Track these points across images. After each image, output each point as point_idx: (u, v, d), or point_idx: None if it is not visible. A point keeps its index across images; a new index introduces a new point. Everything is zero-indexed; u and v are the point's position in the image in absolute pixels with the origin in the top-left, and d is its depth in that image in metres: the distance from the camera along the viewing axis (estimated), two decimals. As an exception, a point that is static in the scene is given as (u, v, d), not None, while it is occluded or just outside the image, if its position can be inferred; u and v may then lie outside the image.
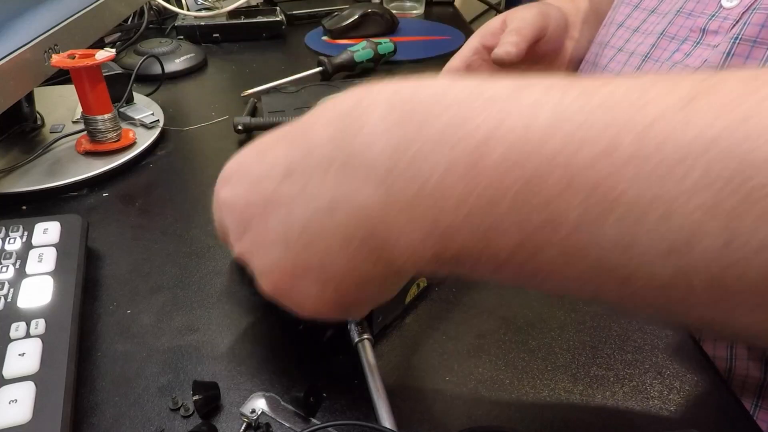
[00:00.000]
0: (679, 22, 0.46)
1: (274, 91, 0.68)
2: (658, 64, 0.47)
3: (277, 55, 0.83)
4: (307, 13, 0.96)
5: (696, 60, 0.43)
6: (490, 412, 0.33)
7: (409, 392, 0.34)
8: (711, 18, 0.43)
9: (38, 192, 0.50)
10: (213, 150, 0.59)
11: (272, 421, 0.32)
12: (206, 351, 0.36)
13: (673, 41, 0.46)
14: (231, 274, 0.42)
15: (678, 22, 0.46)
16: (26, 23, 0.50)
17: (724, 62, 0.41)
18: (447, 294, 0.40)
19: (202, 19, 0.86)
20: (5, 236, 0.39)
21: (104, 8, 0.64)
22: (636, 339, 0.38)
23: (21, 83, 0.50)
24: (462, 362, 0.35)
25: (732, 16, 0.42)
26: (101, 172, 0.52)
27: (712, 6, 0.44)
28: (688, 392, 0.34)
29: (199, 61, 0.77)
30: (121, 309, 0.39)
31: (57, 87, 0.67)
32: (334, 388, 0.34)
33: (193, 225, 0.47)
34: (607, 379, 0.35)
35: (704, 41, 0.43)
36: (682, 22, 0.46)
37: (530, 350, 0.36)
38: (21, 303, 0.34)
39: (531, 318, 0.39)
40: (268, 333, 0.37)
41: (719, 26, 0.42)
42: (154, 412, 0.32)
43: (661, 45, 0.47)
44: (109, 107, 0.53)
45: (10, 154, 0.54)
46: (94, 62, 0.50)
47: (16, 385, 0.30)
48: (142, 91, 0.66)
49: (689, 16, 0.45)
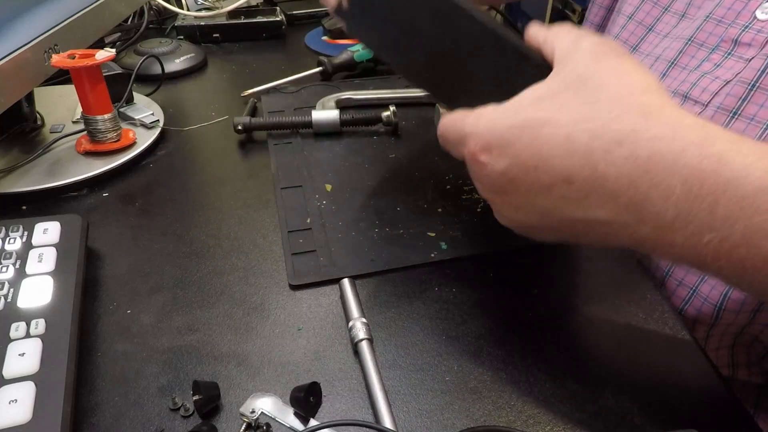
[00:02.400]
0: (709, 29, 0.44)
1: (274, 91, 0.68)
2: (685, 72, 0.45)
3: (277, 55, 0.83)
4: (307, 13, 0.96)
5: (727, 72, 0.42)
6: (490, 412, 0.33)
7: (409, 392, 0.34)
8: (744, 29, 0.42)
9: (38, 192, 0.50)
10: (213, 150, 0.59)
11: (272, 421, 0.32)
12: (206, 351, 0.36)
13: (702, 49, 0.45)
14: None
15: (707, 28, 0.44)
16: (26, 23, 0.50)
17: (758, 79, 0.40)
18: (447, 294, 0.40)
19: (202, 19, 0.86)
20: (5, 236, 0.39)
21: (104, 8, 0.64)
22: (636, 339, 0.38)
23: (21, 83, 0.50)
24: (462, 362, 0.35)
25: (767, 30, 0.41)
26: (101, 172, 0.52)
27: (745, 16, 0.42)
28: (688, 392, 0.34)
29: (199, 61, 0.77)
30: (121, 309, 0.39)
31: (57, 87, 0.67)
32: (334, 388, 0.34)
33: (193, 225, 0.47)
34: (608, 379, 0.35)
35: (736, 52, 0.42)
36: (711, 29, 0.44)
37: (530, 350, 0.36)
38: (21, 303, 0.34)
39: (531, 318, 0.39)
40: (268, 333, 0.37)
41: (753, 39, 0.41)
42: (154, 412, 0.32)
43: (689, 51, 0.45)
44: (109, 107, 0.53)
45: (10, 154, 0.54)
46: (94, 62, 0.50)
47: (16, 385, 0.30)
48: (142, 91, 0.66)
49: (719, 23, 0.44)
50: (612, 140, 0.27)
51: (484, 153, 0.31)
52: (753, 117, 0.40)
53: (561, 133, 0.28)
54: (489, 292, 0.41)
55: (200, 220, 0.47)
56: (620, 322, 0.39)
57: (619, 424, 0.32)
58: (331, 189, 0.50)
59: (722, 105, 0.42)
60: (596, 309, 0.40)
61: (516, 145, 0.30)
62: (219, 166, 0.55)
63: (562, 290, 0.41)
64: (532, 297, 0.40)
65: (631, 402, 0.33)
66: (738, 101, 0.41)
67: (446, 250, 0.44)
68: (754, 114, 0.40)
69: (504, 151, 0.30)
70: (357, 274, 0.41)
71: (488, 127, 0.31)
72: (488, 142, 0.31)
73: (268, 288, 0.41)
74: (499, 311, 0.39)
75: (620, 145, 0.27)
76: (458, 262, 0.43)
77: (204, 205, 0.49)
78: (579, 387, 0.34)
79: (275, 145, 0.57)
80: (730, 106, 0.41)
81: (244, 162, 0.56)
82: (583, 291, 0.41)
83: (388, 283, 0.41)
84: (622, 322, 0.39)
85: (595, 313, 0.40)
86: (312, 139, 0.58)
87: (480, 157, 0.31)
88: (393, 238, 0.45)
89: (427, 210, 0.48)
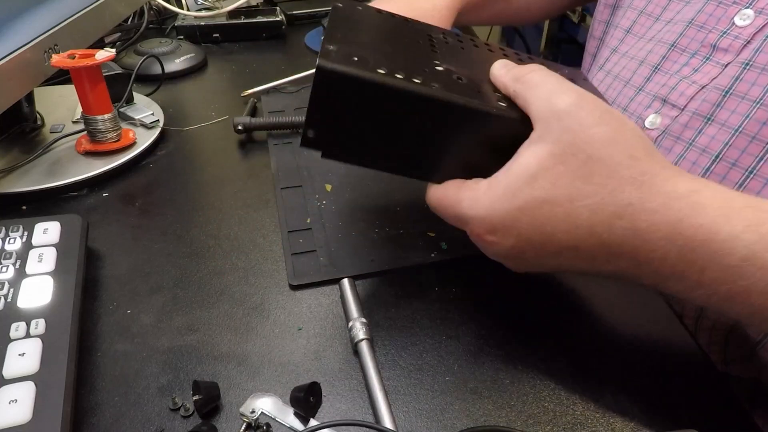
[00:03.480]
0: (691, 35, 0.46)
1: (274, 91, 0.68)
2: (667, 76, 0.46)
3: (277, 55, 0.83)
4: (307, 13, 0.96)
5: (704, 77, 0.43)
6: (490, 412, 0.33)
7: (409, 392, 0.34)
8: (722, 35, 0.43)
9: (38, 192, 0.50)
10: (213, 150, 0.59)
11: (272, 421, 0.32)
12: (206, 351, 0.36)
13: (684, 54, 0.46)
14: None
15: (689, 34, 0.46)
16: (26, 23, 0.50)
17: (731, 86, 0.41)
18: (447, 294, 0.40)
19: (202, 19, 0.86)
20: (5, 236, 0.39)
21: (104, 8, 0.64)
22: (636, 340, 0.38)
23: (21, 83, 0.50)
24: (462, 362, 0.35)
25: (743, 36, 0.42)
26: (101, 172, 0.52)
27: (724, 22, 0.43)
28: (688, 392, 0.34)
29: (199, 61, 0.77)
30: (121, 309, 0.39)
31: (57, 87, 0.67)
32: (334, 388, 0.34)
33: (193, 225, 0.47)
34: (608, 379, 0.35)
35: (714, 57, 0.43)
36: (693, 35, 0.45)
37: (530, 350, 0.36)
38: (21, 303, 0.34)
39: (531, 319, 0.39)
40: (268, 333, 0.37)
41: (730, 44, 0.42)
42: (154, 412, 0.32)
43: (672, 57, 0.47)
44: (109, 107, 0.53)
45: (10, 154, 0.54)
46: (94, 62, 0.50)
47: (16, 385, 0.30)
48: (142, 91, 0.66)
49: (701, 29, 0.45)
50: (612, 214, 0.29)
51: (490, 234, 0.32)
52: (724, 122, 0.42)
53: (561, 211, 0.30)
54: (489, 292, 0.41)
55: (200, 220, 0.47)
56: (620, 322, 0.39)
57: (619, 424, 0.32)
58: (331, 189, 0.50)
59: (698, 110, 0.43)
60: (596, 309, 0.40)
61: (519, 226, 0.31)
62: (219, 166, 0.55)
63: (562, 290, 0.41)
64: (532, 297, 0.40)
65: (631, 402, 0.33)
66: (712, 107, 0.42)
67: (446, 251, 0.44)
68: (726, 119, 0.41)
69: (509, 231, 0.32)
70: (357, 274, 0.41)
71: (488, 212, 0.32)
72: (492, 225, 0.32)
73: (268, 288, 0.41)
74: (499, 311, 0.39)
75: (620, 219, 0.29)
76: (458, 262, 0.43)
77: (204, 205, 0.49)
78: (579, 387, 0.34)
79: (275, 145, 0.57)
80: (705, 111, 0.43)
81: (244, 162, 0.56)
82: (583, 291, 0.41)
83: (388, 283, 0.41)
84: (622, 322, 0.39)
85: (594, 313, 0.40)
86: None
87: (486, 238, 0.33)
88: (393, 238, 0.45)
89: (427, 210, 0.48)
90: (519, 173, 0.31)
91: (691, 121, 0.43)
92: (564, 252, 0.31)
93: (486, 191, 0.32)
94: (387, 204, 0.49)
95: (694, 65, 0.45)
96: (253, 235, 0.46)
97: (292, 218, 0.47)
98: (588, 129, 0.30)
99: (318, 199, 0.49)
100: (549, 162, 0.30)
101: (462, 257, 0.43)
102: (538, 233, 0.31)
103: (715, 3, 0.44)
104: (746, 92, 0.41)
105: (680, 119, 0.44)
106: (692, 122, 0.43)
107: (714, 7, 0.44)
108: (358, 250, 0.44)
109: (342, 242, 0.44)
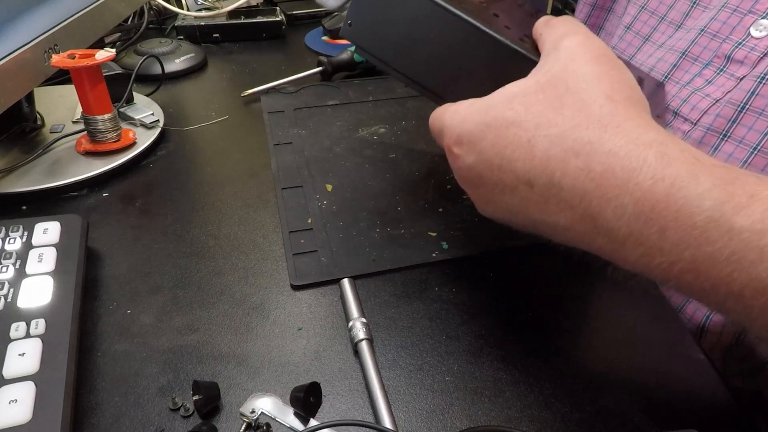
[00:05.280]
0: (703, 43, 0.44)
1: (273, 91, 0.68)
2: (678, 86, 0.45)
3: (277, 55, 0.83)
4: (307, 13, 0.96)
5: (717, 90, 0.42)
6: (490, 412, 0.33)
7: (409, 392, 0.34)
8: (738, 46, 0.41)
9: (38, 192, 0.50)
10: (213, 150, 0.59)
11: (272, 421, 0.32)
12: (206, 351, 0.36)
13: (696, 63, 0.44)
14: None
15: (702, 42, 0.44)
16: (26, 23, 0.50)
17: (747, 101, 0.40)
18: (447, 294, 0.40)
19: (202, 19, 0.86)
20: (5, 236, 0.39)
21: (104, 8, 0.64)
22: (636, 339, 0.38)
23: (21, 83, 0.49)
24: (462, 362, 0.35)
25: (760, 48, 0.40)
26: (101, 172, 0.52)
27: (739, 32, 0.42)
28: (688, 392, 0.34)
29: (199, 61, 0.77)
30: (121, 309, 0.39)
31: (57, 87, 0.67)
32: (334, 388, 0.34)
33: (193, 225, 0.47)
34: (608, 379, 0.35)
35: (728, 69, 0.42)
36: (706, 43, 0.44)
37: (530, 351, 0.36)
38: (21, 303, 0.34)
39: (531, 319, 0.39)
40: (268, 333, 0.37)
41: (745, 56, 0.41)
42: (154, 412, 0.32)
43: (683, 66, 0.45)
44: (109, 107, 0.53)
45: (10, 154, 0.54)
46: (94, 62, 0.50)
47: (16, 385, 0.30)
48: (142, 91, 0.66)
49: (714, 37, 0.43)
50: (569, 150, 0.27)
51: (456, 146, 0.32)
52: (741, 139, 0.40)
53: (525, 136, 0.29)
54: (489, 292, 0.41)
55: (200, 220, 0.47)
56: (620, 322, 0.39)
57: (619, 424, 0.32)
58: (331, 189, 0.50)
59: (712, 126, 0.42)
60: (596, 309, 0.40)
61: (482, 142, 0.30)
62: (219, 166, 0.55)
63: (563, 290, 0.41)
64: (532, 297, 0.40)
65: (631, 402, 0.33)
66: (727, 123, 0.41)
67: (447, 250, 0.44)
68: (743, 136, 0.40)
69: (472, 146, 0.31)
70: (358, 274, 0.41)
71: (460, 121, 0.32)
72: (459, 136, 0.32)
73: (268, 288, 0.41)
74: (499, 311, 0.39)
75: (576, 156, 0.27)
76: (459, 262, 0.43)
77: (204, 205, 0.49)
78: (579, 387, 0.34)
79: (275, 145, 0.57)
80: (720, 127, 0.41)
81: (244, 162, 0.56)
82: (583, 291, 0.41)
83: (388, 283, 0.41)
84: (622, 321, 0.39)
85: (594, 314, 0.40)
86: (312, 139, 0.58)
87: (453, 149, 0.32)
88: (394, 237, 0.45)
89: (428, 210, 0.48)
90: (502, 93, 0.31)
91: (705, 137, 0.42)
92: (519, 188, 0.30)
93: (468, 105, 0.32)
94: (388, 204, 0.49)
95: (707, 76, 0.43)
96: (253, 235, 0.46)
97: (293, 218, 0.47)
98: (577, 64, 0.29)
99: (319, 199, 0.49)
100: (531, 89, 0.30)
101: (462, 257, 0.43)
102: (499, 156, 0.30)
103: (730, 10, 0.43)
104: (763, 108, 0.39)
105: (694, 134, 0.43)
106: (707, 138, 0.42)
107: (728, 14, 0.43)
108: (359, 250, 0.44)
109: (343, 242, 0.44)
